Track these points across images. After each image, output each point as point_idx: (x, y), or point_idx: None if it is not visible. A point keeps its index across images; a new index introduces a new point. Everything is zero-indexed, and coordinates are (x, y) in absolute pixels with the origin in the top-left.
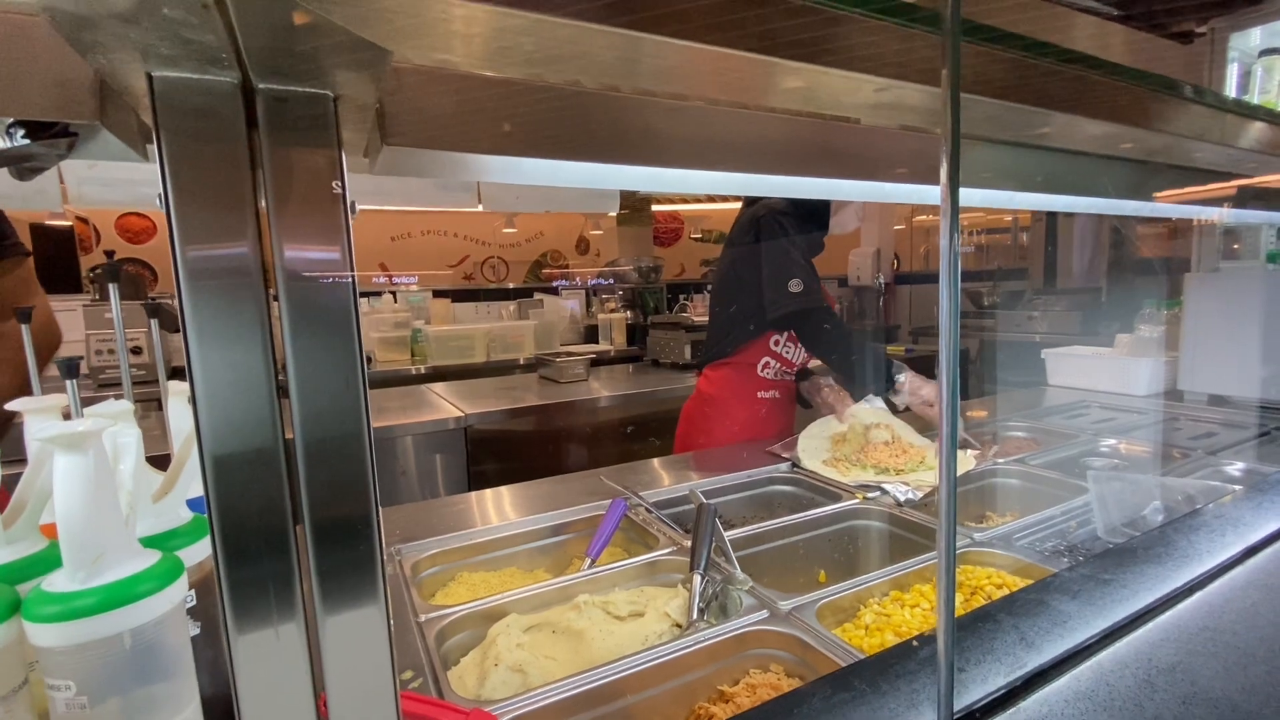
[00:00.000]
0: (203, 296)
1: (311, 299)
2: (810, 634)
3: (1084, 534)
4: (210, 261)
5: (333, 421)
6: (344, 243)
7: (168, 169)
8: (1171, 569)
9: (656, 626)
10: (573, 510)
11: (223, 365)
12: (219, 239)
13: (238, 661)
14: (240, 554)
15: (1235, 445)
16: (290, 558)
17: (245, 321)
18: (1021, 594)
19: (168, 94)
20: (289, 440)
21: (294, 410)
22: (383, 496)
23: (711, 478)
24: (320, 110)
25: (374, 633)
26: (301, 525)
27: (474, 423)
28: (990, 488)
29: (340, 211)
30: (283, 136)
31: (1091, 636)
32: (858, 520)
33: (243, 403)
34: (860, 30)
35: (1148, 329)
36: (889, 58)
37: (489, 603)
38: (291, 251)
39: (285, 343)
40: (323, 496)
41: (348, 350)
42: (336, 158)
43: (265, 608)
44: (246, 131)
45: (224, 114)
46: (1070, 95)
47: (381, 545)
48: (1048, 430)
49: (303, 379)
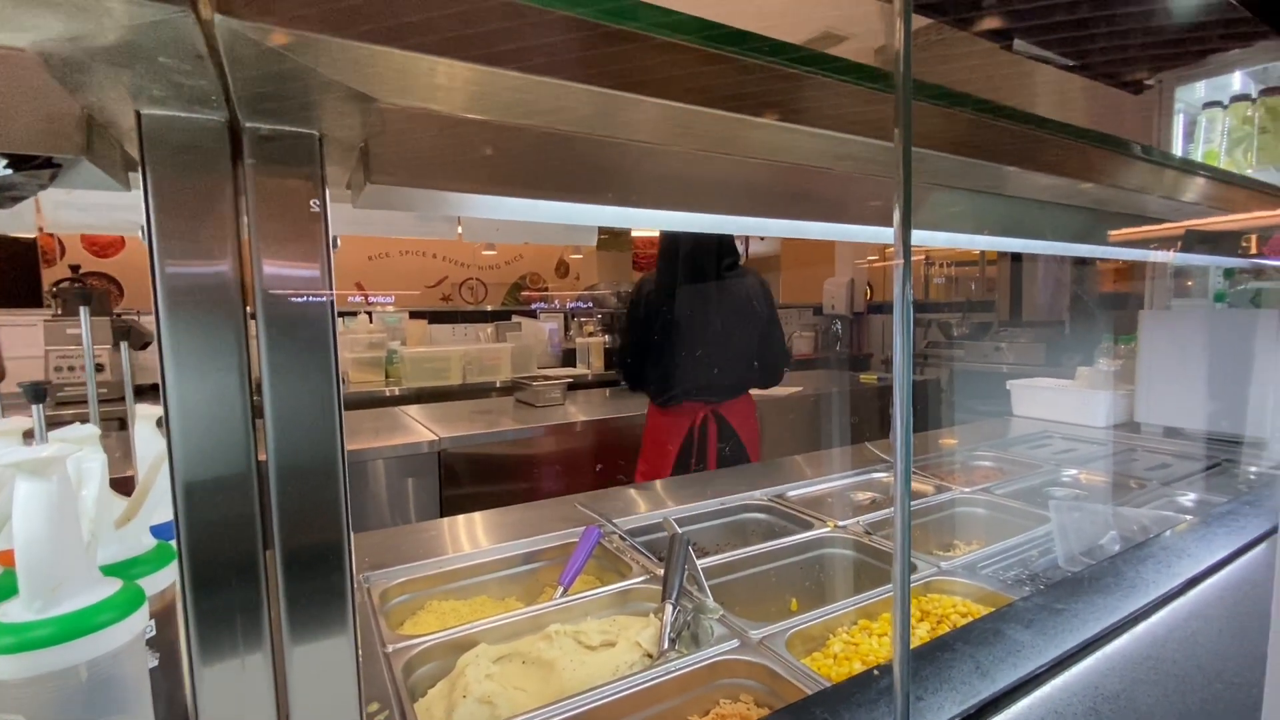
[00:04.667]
0: (182, 323)
1: (290, 328)
2: (780, 663)
3: (1045, 563)
4: (190, 292)
5: (307, 446)
6: (325, 275)
7: (152, 201)
8: (1119, 599)
9: (628, 656)
10: (546, 538)
11: (199, 389)
12: (200, 269)
13: (201, 694)
14: (208, 580)
15: (1187, 476)
16: (259, 585)
17: (223, 346)
18: (979, 623)
19: (155, 131)
20: (261, 463)
21: (268, 434)
22: (353, 522)
23: (685, 505)
24: (306, 149)
25: (342, 664)
26: (271, 551)
27: (448, 446)
28: (958, 516)
29: (322, 245)
30: (268, 171)
31: (1043, 665)
32: (829, 549)
33: (218, 426)
34: (819, 89)
35: (1106, 363)
36: (848, 115)
37: (458, 632)
38: (272, 282)
39: (262, 367)
40: (294, 521)
41: (325, 378)
42: (320, 193)
43: (232, 637)
44: (231, 165)
45: (210, 149)
46: (1019, 150)
47: (352, 573)
48: (1013, 460)
49: (278, 404)
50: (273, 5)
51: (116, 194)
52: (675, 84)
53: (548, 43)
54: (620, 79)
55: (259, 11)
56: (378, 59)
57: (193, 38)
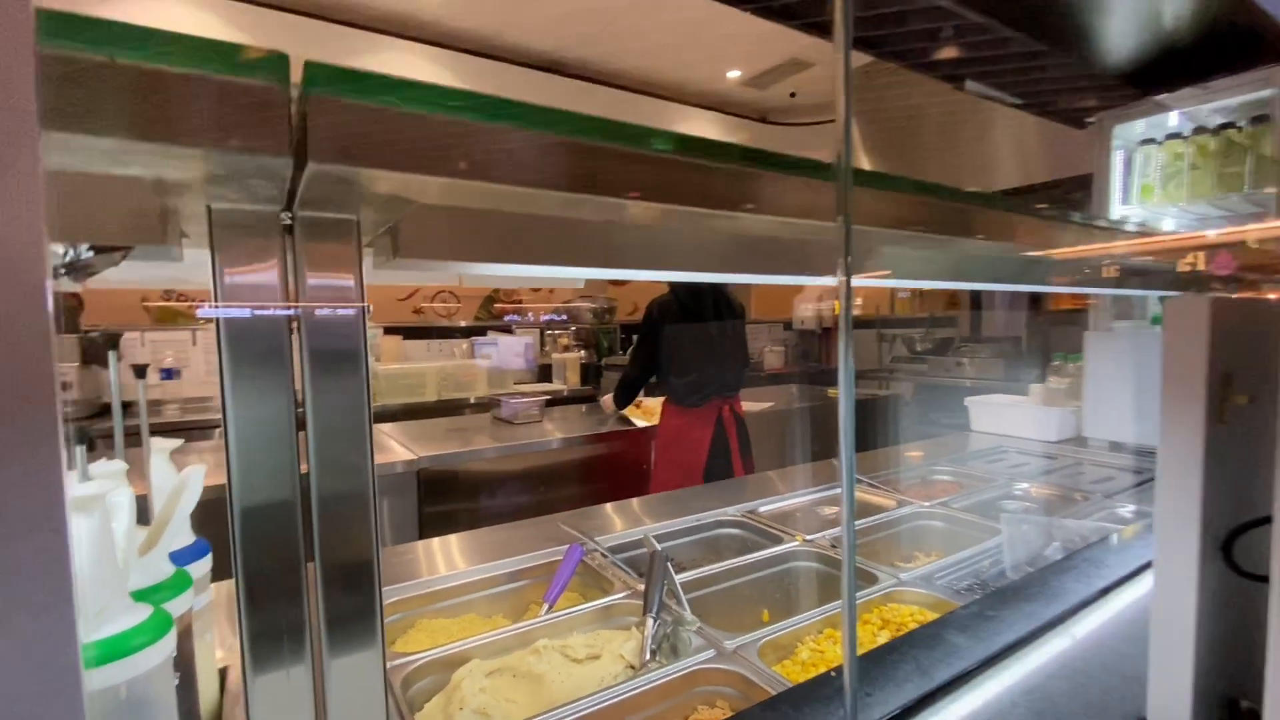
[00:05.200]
0: (241, 364)
1: (331, 362)
2: (753, 671)
3: (995, 573)
4: (245, 337)
5: (342, 469)
6: (361, 326)
7: (218, 268)
8: (1042, 606)
9: (612, 668)
10: (530, 556)
11: (252, 418)
12: (255, 318)
13: (253, 702)
14: (260, 598)
15: (1128, 489)
16: (302, 602)
17: (273, 382)
18: (922, 629)
19: (223, 218)
20: (304, 487)
21: (310, 457)
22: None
23: (663, 522)
24: (346, 229)
25: (372, 674)
26: (312, 564)
27: (427, 465)
28: (918, 529)
29: (358, 299)
30: (314, 245)
31: (974, 664)
32: (796, 561)
33: (269, 448)
34: (772, 184)
35: (1056, 380)
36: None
37: (452, 649)
38: (315, 329)
39: (306, 395)
40: (333, 537)
41: (358, 409)
42: (357, 261)
43: (279, 649)
44: (282, 237)
45: (267, 228)
46: (954, 222)
47: (380, 588)
48: (970, 474)
49: (320, 428)
50: (352, 151)
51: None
52: (646, 188)
53: (544, 161)
54: (604, 187)
55: (341, 157)
56: (416, 180)
57: (284, 171)
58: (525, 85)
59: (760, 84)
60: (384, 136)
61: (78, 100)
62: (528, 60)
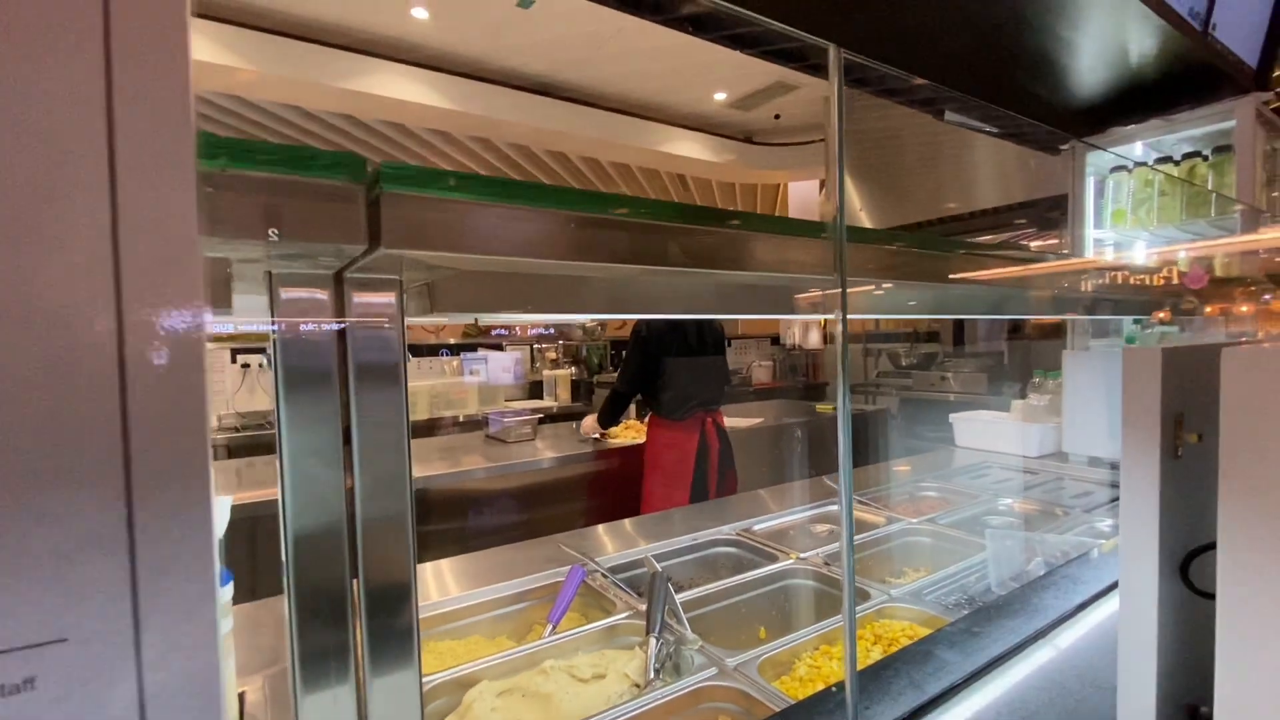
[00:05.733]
0: (296, 396)
1: (374, 398)
2: (754, 687)
3: (981, 587)
4: (303, 376)
5: (385, 497)
6: (403, 370)
7: (278, 319)
8: (1023, 622)
9: (618, 687)
10: (533, 578)
11: (306, 448)
12: (311, 367)
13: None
14: (311, 622)
15: (1106, 504)
16: (348, 621)
17: (325, 412)
18: (914, 646)
19: (282, 280)
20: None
21: (357, 487)
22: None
23: (661, 542)
24: (390, 285)
25: (410, 692)
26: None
27: (422, 485)
28: (907, 545)
29: (399, 348)
30: (361, 299)
31: (961, 678)
32: (792, 579)
33: (321, 480)
34: (770, 244)
35: (1036, 397)
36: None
37: (462, 670)
38: (363, 374)
39: (353, 428)
40: (377, 563)
41: (399, 450)
42: (399, 315)
43: (326, 670)
44: (334, 286)
45: (321, 285)
46: (934, 270)
47: (417, 609)
48: (955, 490)
49: (365, 460)
50: (416, 238)
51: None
52: (654, 254)
53: (564, 235)
54: (621, 254)
55: (403, 244)
56: (450, 258)
57: (355, 254)
58: (516, 107)
59: (745, 106)
60: (441, 223)
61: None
62: (519, 83)
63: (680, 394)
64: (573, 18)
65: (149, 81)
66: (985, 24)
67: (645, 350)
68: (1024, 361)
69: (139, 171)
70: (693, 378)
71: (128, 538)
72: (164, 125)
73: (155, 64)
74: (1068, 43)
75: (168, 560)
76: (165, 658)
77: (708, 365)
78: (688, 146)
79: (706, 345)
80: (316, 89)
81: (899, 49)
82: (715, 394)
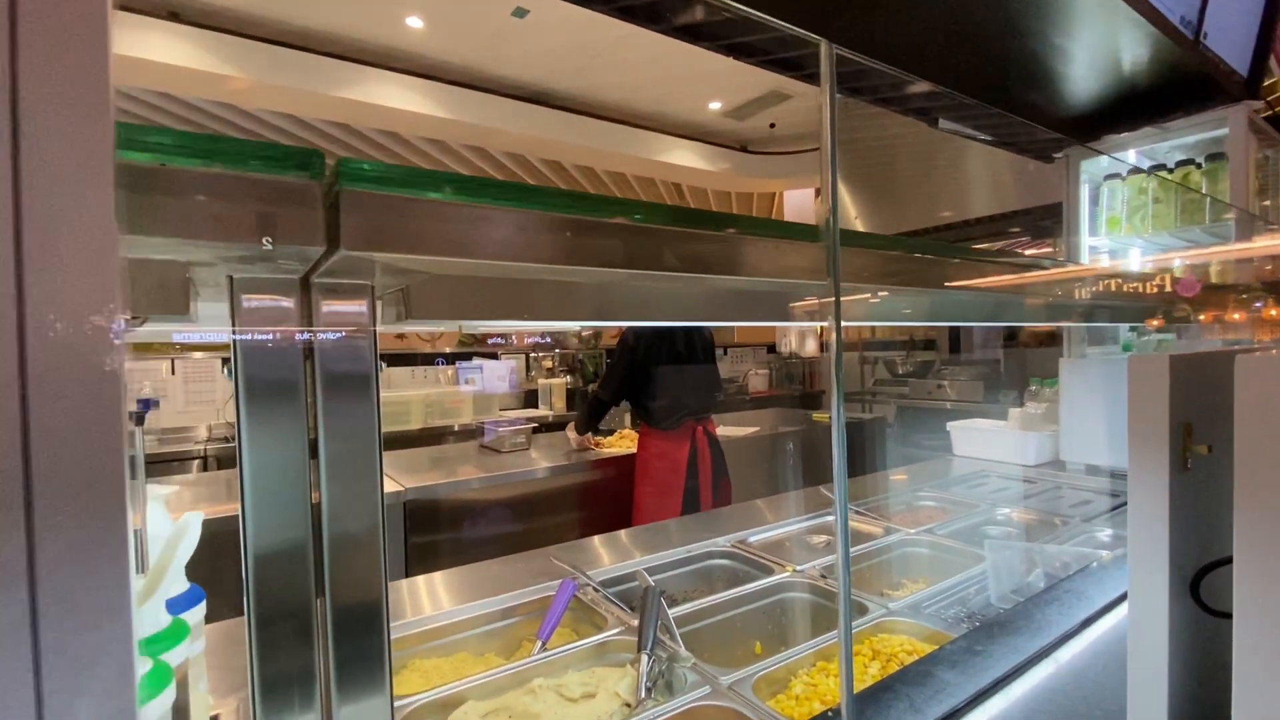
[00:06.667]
0: (257, 410)
1: (345, 428)
2: (748, 706)
3: (981, 600)
4: (266, 387)
5: (354, 514)
6: (374, 382)
7: (239, 327)
8: (1026, 640)
9: (608, 706)
10: (522, 592)
11: (268, 464)
12: (274, 377)
13: None
14: (271, 644)
15: (1105, 513)
16: (313, 645)
17: (289, 427)
18: (914, 666)
19: (245, 285)
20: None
21: (324, 506)
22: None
23: (655, 554)
24: (361, 292)
25: None
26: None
27: (413, 496)
28: (905, 557)
29: (370, 360)
30: (329, 307)
31: (962, 702)
32: (788, 593)
33: (284, 496)
34: (763, 248)
35: (1033, 405)
36: (794, 264)
37: (447, 690)
38: (330, 382)
39: (320, 444)
40: (343, 580)
41: (371, 465)
42: (370, 319)
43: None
44: (300, 294)
45: (286, 292)
46: (929, 275)
47: (389, 627)
48: (953, 500)
49: (332, 482)
50: (378, 239)
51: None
52: (643, 258)
53: (542, 238)
54: (600, 257)
55: (369, 245)
56: (421, 260)
57: (314, 255)
58: (511, 116)
59: (740, 115)
60: (406, 225)
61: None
62: (514, 92)
63: (669, 403)
64: (567, 28)
65: (62, 74)
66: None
67: (633, 359)
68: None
69: (47, 167)
70: (682, 387)
71: (28, 572)
72: (78, 119)
73: (69, 56)
74: (1061, 50)
75: (73, 593)
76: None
77: (698, 374)
78: (683, 155)
79: (696, 353)
80: (311, 97)
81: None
82: (706, 403)
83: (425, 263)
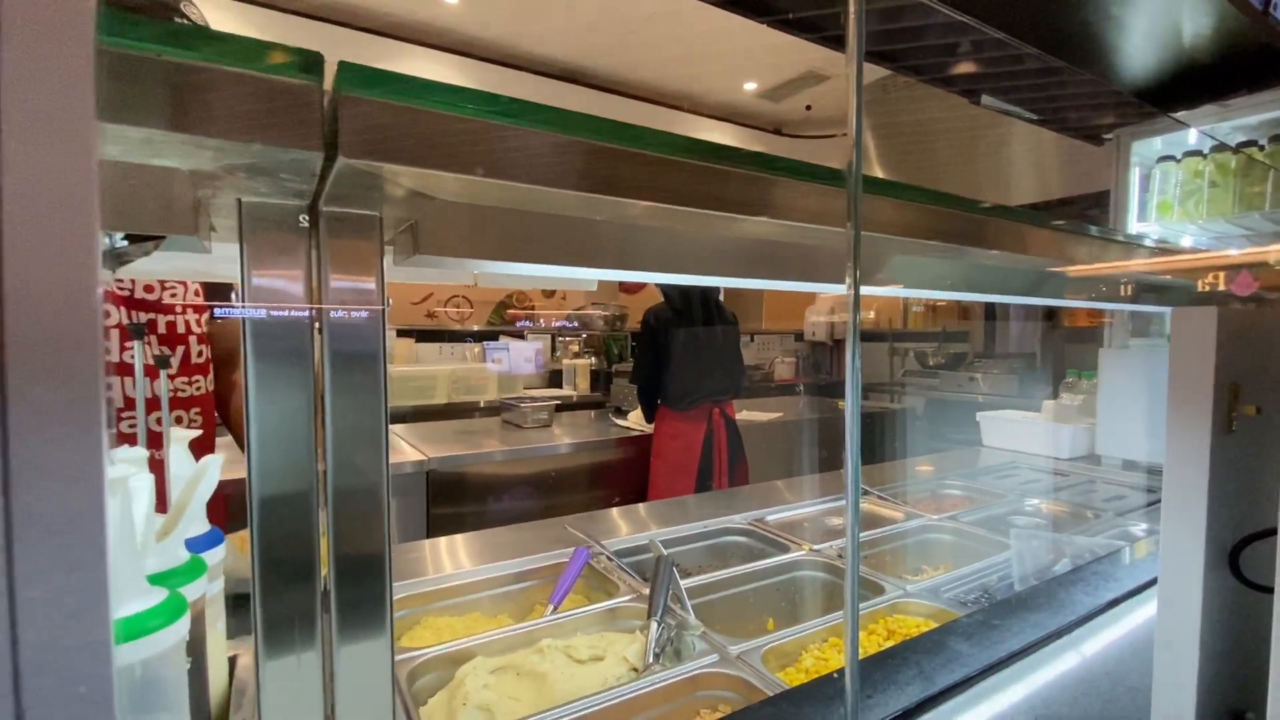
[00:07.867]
0: (264, 356)
1: (349, 359)
2: (756, 676)
3: (1003, 586)
4: (273, 331)
5: (359, 459)
6: (381, 321)
7: (247, 261)
8: (1048, 616)
9: (615, 669)
10: (537, 558)
11: (275, 409)
12: (281, 313)
13: (265, 686)
14: (275, 586)
15: (1141, 508)
16: (315, 590)
17: (297, 375)
18: (926, 635)
19: (252, 212)
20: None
21: (328, 447)
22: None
23: (670, 528)
24: (369, 224)
25: (380, 663)
26: (325, 556)
27: (436, 466)
28: (926, 542)
29: (379, 295)
30: (337, 240)
31: (975, 670)
32: (803, 571)
33: (290, 440)
34: (786, 190)
35: (1069, 397)
36: (812, 208)
37: (457, 645)
38: (338, 327)
39: (325, 388)
40: (347, 529)
41: (375, 408)
42: (378, 257)
43: (291, 635)
44: (309, 231)
45: (293, 222)
46: (965, 232)
47: (390, 579)
48: (980, 489)
49: (338, 421)
50: (380, 148)
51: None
52: (661, 190)
53: (560, 162)
54: (619, 187)
55: (370, 153)
56: (436, 177)
57: (314, 165)
58: (544, 94)
59: (776, 96)
60: (409, 134)
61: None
62: (546, 70)
63: (686, 384)
64: (602, 4)
65: None
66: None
67: (654, 340)
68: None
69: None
70: (700, 368)
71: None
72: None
73: None
74: (1117, 21)
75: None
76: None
77: (717, 355)
78: (716, 137)
79: (715, 335)
80: None
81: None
82: (725, 385)
83: (430, 181)
